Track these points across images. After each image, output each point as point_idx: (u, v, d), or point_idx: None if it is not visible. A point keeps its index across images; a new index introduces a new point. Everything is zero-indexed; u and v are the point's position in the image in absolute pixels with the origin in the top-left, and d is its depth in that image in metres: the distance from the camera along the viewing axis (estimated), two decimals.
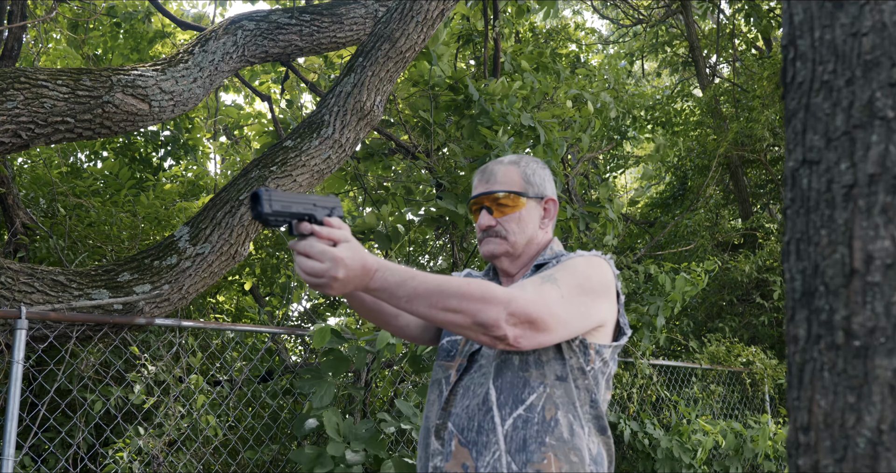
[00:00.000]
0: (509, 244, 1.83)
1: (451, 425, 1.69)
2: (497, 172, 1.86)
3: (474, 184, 1.91)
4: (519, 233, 1.84)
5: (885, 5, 1.03)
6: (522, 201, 1.84)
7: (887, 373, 0.96)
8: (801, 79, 1.12)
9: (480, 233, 1.86)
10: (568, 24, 10.39)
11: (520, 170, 1.87)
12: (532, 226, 1.86)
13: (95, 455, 3.96)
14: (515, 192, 1.84)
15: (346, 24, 5.26)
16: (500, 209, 1.83)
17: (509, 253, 1.84)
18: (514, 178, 1.85)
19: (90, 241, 5.14)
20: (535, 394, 1.64)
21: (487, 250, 1.85)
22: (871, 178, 1.01)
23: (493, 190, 1.84)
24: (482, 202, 1.86)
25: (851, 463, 0.97)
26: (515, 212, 1.83)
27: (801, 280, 1.08)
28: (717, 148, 8.92)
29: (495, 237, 1.83)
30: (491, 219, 1.83)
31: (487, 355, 1.73)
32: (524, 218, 1.85)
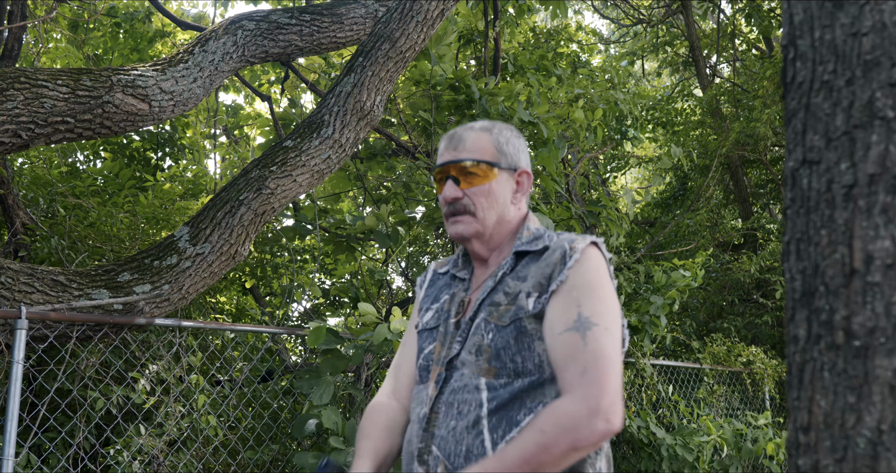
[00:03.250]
0: (479, 222, 1.63)
1: (436, 449, 1.49)
2: (466, 138, 1.66)
3: (440, 151, 1.70)
4: (488, 208, 1.64)
5: (885, 5, 1.03)
6: (494, 172, 1.64)
7: (887, 373, 0.96)
8: (801, 79, 1.12)
9: (446, 206, 1.66)
10: (569, 24, 10.39)
11: (492, 138, 1.67)
12: (503, 201, 1.65)
13: (96, 454, 3.96)
14: (486, 162, 1.64)
15: (346, 24, 5.26)
16: (468, 179, 1.63)
17: (480, 233, 1.64)
18: (485, 146, 1.66)
19: (90, 241, 5.14)
20: (532, 415, 1.45)
21: (456, 231, 1.64)
22: (871, 178, 1.01)
23: (461, 158, 1.64)
24: (448, 171, 1.65)
25: (851, 463, 0.97)
26: (485, 183, 1.63)
27: (801, 280, 1.08)
28: (719, 148, 8.93)
29: (463, 214, 1.64)
30: (457, 190, 1.63)
31: (469, 362, 1.54)
32: (494, 191, 1.64)
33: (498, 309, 1.55)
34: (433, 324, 1.67)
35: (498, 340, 1.51)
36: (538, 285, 1.53)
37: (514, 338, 1.50)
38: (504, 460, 1.36)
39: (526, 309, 1.52)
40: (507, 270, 1.60)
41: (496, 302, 1.57)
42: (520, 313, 1.52)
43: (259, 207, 4.01)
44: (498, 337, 1.52)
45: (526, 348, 1.49)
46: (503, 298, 1.56)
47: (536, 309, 1.51)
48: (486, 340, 1.53)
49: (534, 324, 1.51)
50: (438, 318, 1.67)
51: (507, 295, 1.56)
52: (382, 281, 6.40)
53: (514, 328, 1.51)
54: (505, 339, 1.51)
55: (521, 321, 1.51)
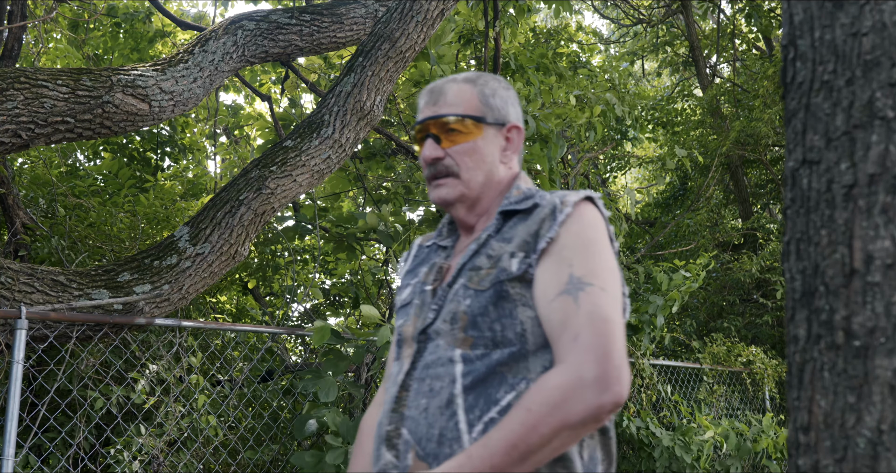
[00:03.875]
0: (464, 184, 1.46)
1: (406, 432, 1.32)
2: (447, 91, 1.49)
3: (420, 107, 1.52)
4: (474, 168, 1.46)
5: (885, 5, 1.03)
6: (479, 128, 1.47)
7: (887, 373, 0.96)
8: (801, 79, 1.12)
9: (427, 168, 1.48)
10: (569, 23, 10.39)
11: (476, 90, 1.49)
12: (491, 160, 1.48)
13: (96, 454, 3.96)
14: (470, 116, 1.46)
15: (346, 24, 5.26)
16: (451, 137, 1.46)
17: (465, 196, 1.47)
18: (469, 99, 1.48)
19: (90, 241, 5.14)
20: (513, 393, 1.28)
21: (438, 196, 1.47)
22: (871, 178, 1.01)
23: (442, 113, 1.47)
24: (428, 129, 1.48)
25: (851, 463, 0.97)
26: (469, 141, 1.46)
27: (801, 280, 1.08)
28: (720, 147, 8.93)
29: (446, 176, 1.46)
30: (438, 150, 1.46)
31: (444, 332, 1.36)
32: (480, 149, 1.47)
33: (479, 272, 1.38)
34: (409, 299, 1.50)
35: (475, 306, 1.34)
36: (524, 244, 1.36)
37: (492, 304, 1.33)
38: (489, 446, 1.19)
39: (508, 270, 1.34)
40: (493, 232, 1.43)
41: (477, 265, 1.39)
42: (501, 275, 1.34)
43: (259, 207, 4.01)
44: (475, 302, 1.34)
45: (507, 315, 1.32)
46: (485, 261, 1.39)
47: (521, 269, 1.34)
48: (463, 306, 1.35)
49: (518, 288, 1.33)
50: (414, 291, 1.50)
51: (490, 258, 1.38)
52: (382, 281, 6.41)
53: (493, 292, 1.34)
54: (483, 305, 1.33)
55: (503, 284, 1.34)
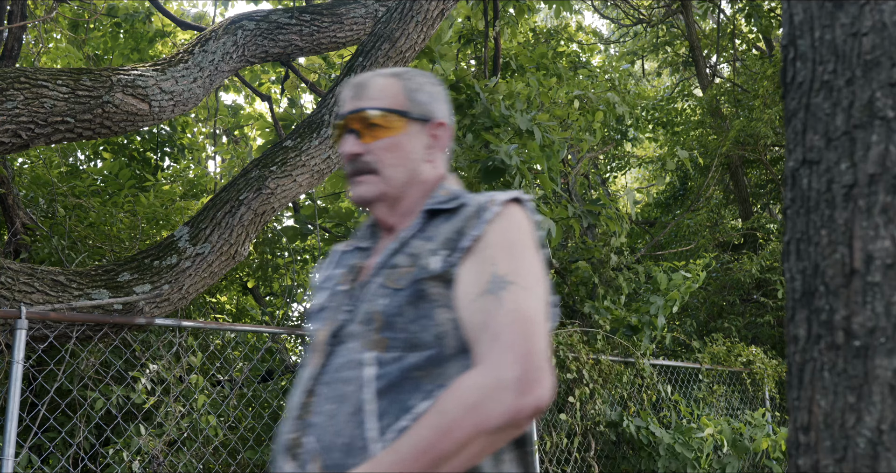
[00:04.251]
0: (384, 182, 1.38)
1: (311, 440, 1.22)
2: (371, 85, 1.42)
3: (343, 100, 1.46)
4: (396, 165, 1.39)
5: (885, 5, 1.03)
6: (402, 123, 1.40)
7: (887, 373, 0.96)
8: (801, 79, 1.12)
9: (347, 165, 1.41)
10: (569, 23, 10.39)
11: (401, 84, 1.43)
12: (414, 157, 1.41)
13: (96, 454, 3.96)
14: (392, 111, 1.39)
15: (346, 24, 5.26)
16: (372, 132, 1.39)
17: (386, 195, 1.39)
18: (393, 93, 1.41)
19: (90, 241, 5.14)
20: (429, 401, 1.18)
21: (357, 194, 1.39)
22: (871, 178, 1.01)
23: (363, 106, 1.39)
24: (349, 123, 1.40)
25: (851, 463, 0.97)
26: (391, 136, 1.39)
27: (801, 280, 1.08)
28: (720, 147, 8.93)
29: (367, 173, 1.38)
30: (358, 145, 1.38)
31: (358, 333, 1.27)
32: (403, 145, 1.40)
33: (396, 271, 1.30)
34: (324, 303, 1.40)
35: (391, 306, 1.26)
36: (446, 241, 1.29)
37: (409, 304, 1.25)
38: (398, 451, 1.10)
39: (428, 268, 1.26)
40: (415, 231, 1.35)
41: (395, 264, 1.31)
42: (420, 274, 1.26)
43: (259, 207, 4.01)
44: (391, 302, 1.26)
45: (424, 315, 1.23)
46: (404, 260, 1.31)
47: (442, 268, 1.26)
48: (378, 306, 1.27)
49: (437, 288, 1.25)
50: (332, 295, 1.41)
51: (410, 257, 1.30)
52: None
53: (411, 291, 1.25)
54: (400, 305, 1.25)
55: (421, 282, 1.25)
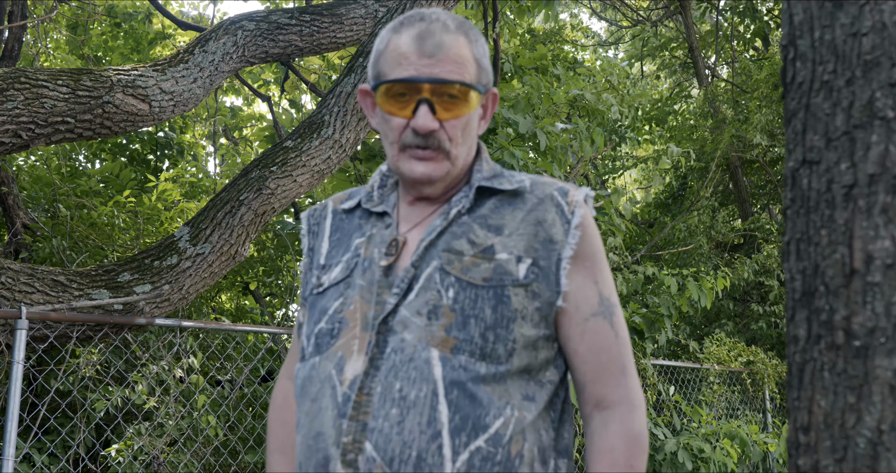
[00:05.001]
0: (452, 162, 1.20)
1: (371, 447, 1.06)
2: (447, 45, 1.17)
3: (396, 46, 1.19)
4: (464, 144, 1.21)
5: (885, 5, 1.03)
6: (476, 99, 1.20)
7: (887, 373, 0.96)
8: (801, 80, 1.12)
9: (412, 137, 1.18)
10: (565, 25, 10.40)
11: (471, 48, 1.20)
12: (475, 134, 1.25)
13: (96, 455, 3.95)
14: (472, 86, 1.19)
15: (346, 25, 5.26)
16: (448, 107, 1.17)
17: (449, 175, 1.21)
18: (468, 59, 1.19)
19: (90, 241, 5.15)
20: (501, 419, 1.09)
21: (423, 173, 1.18)
22: (871, 178, 1.01)
23: (446, 78, 1.16)
24: (422, 90, 1.16)
25: (851, 463, 0.97)
26: (466, 114, 1.19)
27: (801, 280, 1.08)
28: (715, 150, 8.94)
29: (435, 149, 1.18)
30: (433, 120, 1.17)
31: (415, 326, 1.11)
32: (472, 122, 1.22)
33: (461, 259, 1.15)
34: (343, 276, 1.22)
35: (465, 302, 1.12)
36: (530, 249, 1.16)
37: (490, 307, 1.12)
38: None
39: (514, 275, 1.14)
40: (463, 209, 1.20)
41: (456, 248, 1.16)
42: (505, 279, 1.13)
43: (259, 207, 4.02)
44: (465, 297, 1.12)
45: (503, 325, 1.11)
46: (467, 246, 1.16)
47: (530, 278, 1.15)
48: (447, 299, 1.12)
49: (521, 298, 1.14)
50: (349, 268, 1.22)
51: (474, 245, 1.16)
52: None
53: (493, 294, 1.13)
54: (477, 304, 1.12)
55: (505, 289, 1.13)
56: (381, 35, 1.24)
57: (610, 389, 1.17)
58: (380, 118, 1.23)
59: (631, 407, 1.17)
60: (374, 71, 1.23)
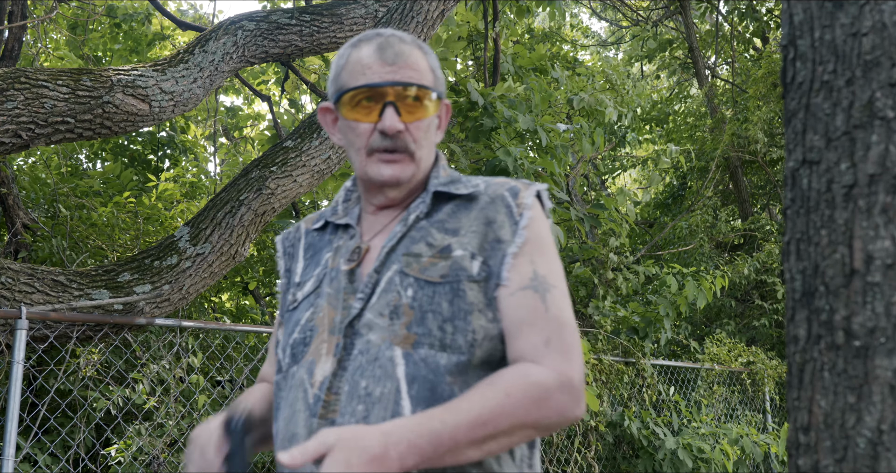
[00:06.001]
0: (416, 165, 1.26)
1: None
2: (406, 53, 1.25)
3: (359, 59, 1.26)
4: (427, 147, 1.28)
5: (885, 5, 1.03)
6: (435, 105, 1.28)
7: (887, 373, 0.96)
8: (801, 80, 1.12)
9: (380, 140, 1.24)
10: (564, 25, 10.40)
11: (426, 59, 1.29)
12: (434, 140, 1.32)
13: (96, 455, 3.95)
14: (434, 90, 1.27)
15: (346, 25, 5.26)
16: (411, 110, 1.25)
17: (414, 178, 1.28)
18: (425, 68, 1.27)
19: (90, 241, 5.15)
20: None
21: (391, 174, 1.24)
22: (871, 178, 1.01)
23: (410, 81, 1.24)
24: (386, 95, 1.23)
25: (851, 463, 0.97)
26: (428, 117, 1.27)
27: (801, 280, 1.08)
28: (715, 150, 8.95)
29: (402, 152, 1.25)
30: (400, 122, 1.23)
31: (379, 326, 1.17)
32: (432, 127, 1.30)
33: (419, 260, 1.21)
34: (313, 288, 1.28)
35: (423, 299, 1.17)
36: (481, 248, 1.22)
37: (447, 301, 1.17)
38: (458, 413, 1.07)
39: (469, 272, 1.19)
40: (422, 214, 1.26)
41: (414, 252, 1.22)
42: (460, 274, 1.19)
43: (259, 207, 4.02)
44: (422, 295, 1.18)
45: (460, 317, 1.16)
46: (425, 249, 1.22)
47: (481, 275, 1.20)
48: (405, 298, 1.18)
49: (475, 293, 1.19)
50: (318, 280, 1.28)
51: (432, 247, 1.22)
52: None
53: (449, 289, 1.18)
54: (434, 300, 1.17)
55: (460, 283, 1.18)
56: (340, 52, 1.30)
57: (524, 351, 1.16)
58: (344, 129, 1.30)
59: (542, 369, 1.13)
60: (336, 85, 1.29)
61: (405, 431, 1.04)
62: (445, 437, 1.05)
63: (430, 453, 1.04)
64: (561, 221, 5.35)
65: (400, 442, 1.03)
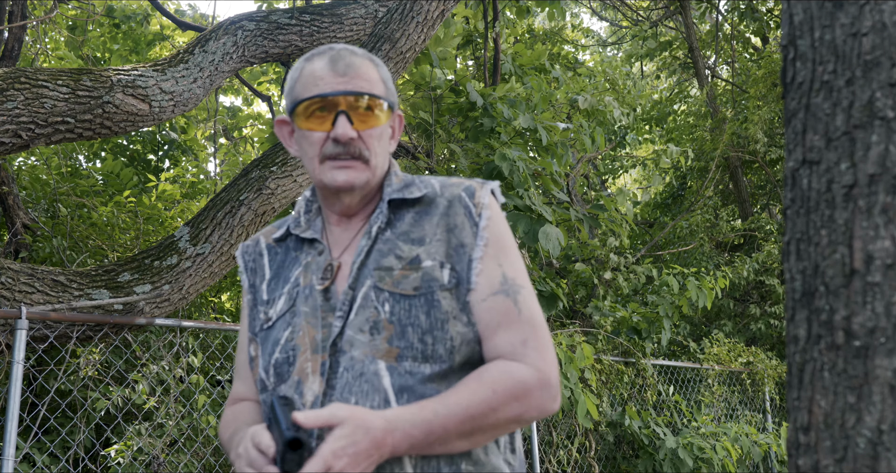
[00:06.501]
0: (370, 171, 1.30)
1: None
2: (356, 65, 1.30)
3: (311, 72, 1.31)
4: (381, 154, 1.32)
5: (885, 5, 1.03)
6: (386, 113, 1.33)
7: (887, 373, 0.96)
8: (801, 80, 1.12)
9: (332, 147, 1.28)
10: (565, 26, 10.40)
11: (377, 70, 1.34)
12: (387, 147, 1.36)
13: (96, 455, 3.95)
14: (384, 99, 1.31)
15: (346, 25, 5.26)
16: (363, 118, 1.29)
17: (369, 184, 1.31)
18: (377, 79, 1.32)
19: (91, 242, 5.15)
20: None
21: (345, 180, 1.28)
22: (872, 178, 1.01)
23: (360, 90, 1.28)
24: (338, 104, 1.28)
25: (851, 463, 0.97)
26: (380, 125, 1.31)
27: (801, 280, 1.08)
28: (715, 150, 8.95)
29: (356, 159, 1.29)
30: (353, 130, 1.27)
31: (361, 342, 1.21)
32: (384, 135, 1.34)
33: (391, 273, 1.25)
34: (288, 307, 1.30)
35: (401, 313, 1.22)
36: (448, 255, 1.26)
37: (424, 313, 1.22)
38: (448, 406, 1.14)
39: (440, 281, 1.24)
40: (383, 225, 1.31)
41: (385, 265, 1.26)
42: (433, 285, 1.24)
43: (259, 207, 4.02)
44: (399, 308, 1.22)
45: (438, 327, 1.21)
46: (395, 261, 1.26)
47: (452, 282, 1.24)
48: (384, 313, 1.22)
49: (449, 301, 1.23)
50: (291, 298, 1.31)
51: (401, 259, 1.26)
52: None
53: (424, 301, 1.23)
54: (411, 313, 1.22)
55: (434, 294, 1.23)
56: (295, 66, 1.36)
57: (504, 351, 1.23)
58: (300, 139, 1.34)
59: (522, 367, 1.21)
60: (291, 97, 1.34)
61: (402, 421, 1.12)
62: (437, 428, 1.13)
63: (422, 441, 1.13)
64: (561, 221, 5.35)
65: (396, 430, 1.11)
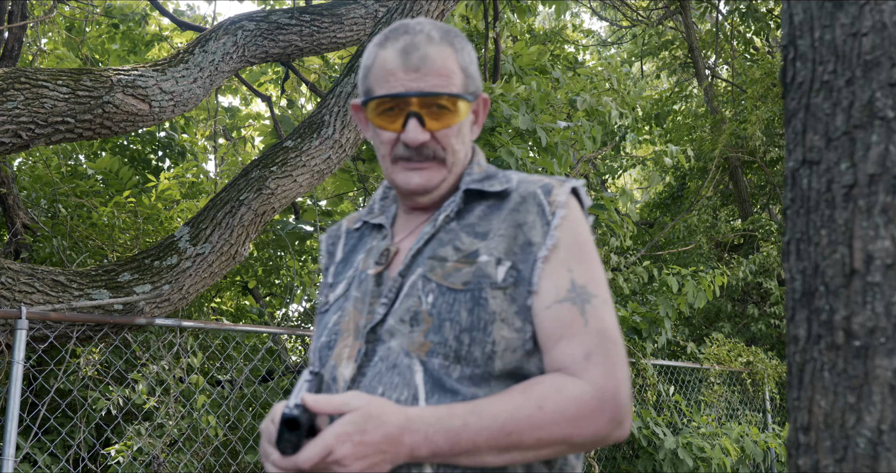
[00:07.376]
0: (448, 169, 1.22)
1: None
2: (431, 57, 1.18)
3: (382, 62, 1.21)
4: (458, 151, 1.23)
5: (885, 5, 1.03)
6: (466, 107, 1.22)
7: (887, 373, 0.96)
8: (801, 80, 1.12)
9: (403, 150, 1.21)
10: (566, 26, 10.40)
11: (457, 56, 1.21)
12: (469, 140, 1.26)
13: (96, 455, 3.96)
14: (460, 96, 1.20)
15: (346, 25, 5.26)
16: (437, 117, 1.19)
17: (445, 182, 1.23)
18: (454, 69, 1.20)
19: (91, 242, 5.15)
20: None
21: (419, 183, 1.20)
22: (872, 178, 1.01)
23: (434, 91, 1.17)
24: (409, 105, 1.18)
25: (851, 463, 0.97)
26: (457, 123, 1.21)
27: (801, 280, 1.08)
28: (713, 149, 8.95)
29: (431, 160, 1.21)
30: (424, 133, 1.18)
31: (400, 333, 1.13)
32: (464, 130, 1.24)
33: (444, 265, 1.16)
34: (342, 292, 1.26)
35: (442, 307, 1.12)
36: (509, 252, 1.16)
37: (466, 310, 1.11)
38: (483, 417, 1.03)
39: (493, 278, 1.13)
40: (452, 214, 1.22)
41: (440, 255, 1.17)
42: (483, 281, 1.13)
43: (259, 207, 4.01)
44: (442, 301, 1.12)
45: (479, 328, 1.10)
46: (451, 253, 1.17)
47: (508, 281, 1.13)
48: (425, 304, 1.13)
49: (500, 301, 1.12)
50: (349, 283, 1.25)
51: (458, 251, 1.16)
52: None
53: (469, 297, 1.12)
54: (453, 307, 1.12)
55: (482, 291, 1.12)
56: (368, 50, 1.26)
57: (563, 366, 1.10)
58: (372, 132, 1.26)
59: (580, 383, 1.07)
60: (364, 87, 1.25)
61: (425, 423, 1.02)
62: (464, 439, 1.02)
63: (446, 450, 1.02)
64: None
65: (417, 431, 1.01)
